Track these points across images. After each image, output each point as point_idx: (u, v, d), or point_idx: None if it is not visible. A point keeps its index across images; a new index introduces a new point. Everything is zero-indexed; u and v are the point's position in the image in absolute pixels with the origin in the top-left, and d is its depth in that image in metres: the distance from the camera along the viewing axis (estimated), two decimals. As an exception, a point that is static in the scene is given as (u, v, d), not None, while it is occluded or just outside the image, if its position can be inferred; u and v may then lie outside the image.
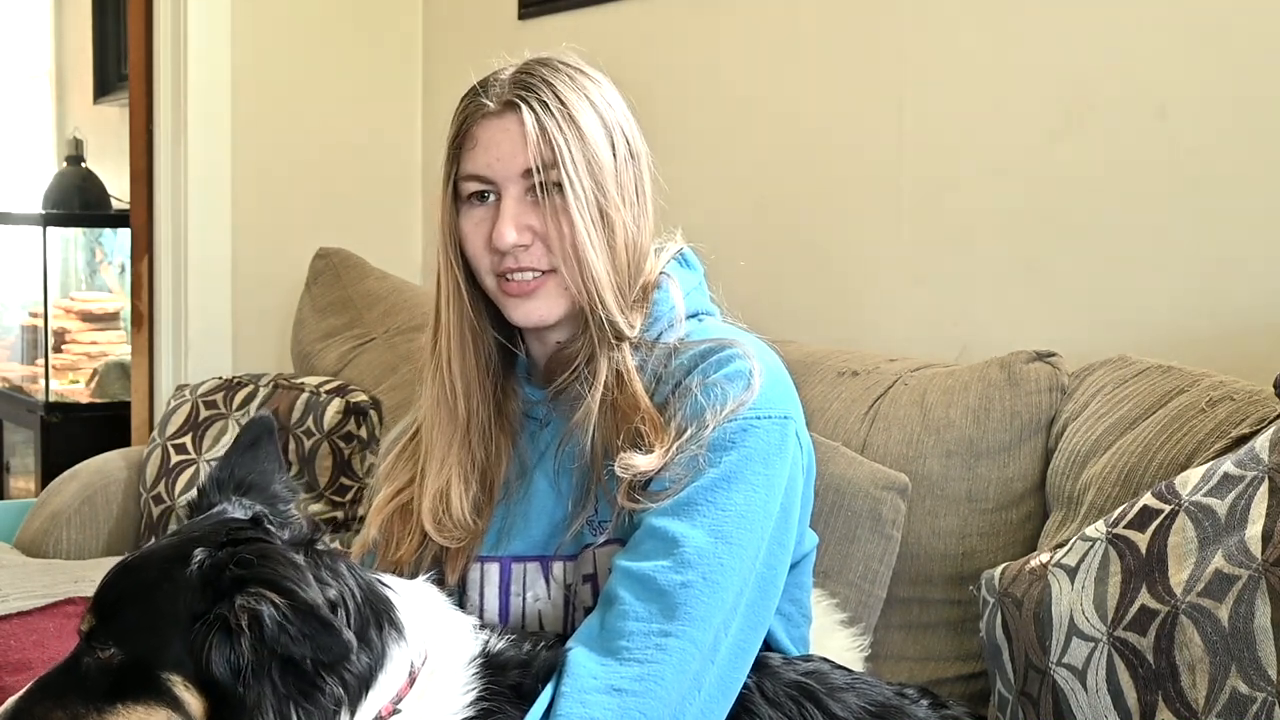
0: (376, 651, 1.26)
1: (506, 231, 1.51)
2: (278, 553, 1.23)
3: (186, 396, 3.07)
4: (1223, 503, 1.41)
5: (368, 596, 1.29)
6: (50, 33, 5.44)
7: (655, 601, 1.37)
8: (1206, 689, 1.33)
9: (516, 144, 1.51)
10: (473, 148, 1.54)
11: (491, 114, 1.54)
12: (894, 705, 1.44)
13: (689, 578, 1.37)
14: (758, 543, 1.42)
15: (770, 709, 1.40)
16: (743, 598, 1.40)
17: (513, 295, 1.54)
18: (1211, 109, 1.93)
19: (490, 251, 1.53)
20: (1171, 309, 1.98)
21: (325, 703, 1.20)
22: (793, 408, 1.52)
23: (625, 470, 1.46)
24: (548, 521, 1.55)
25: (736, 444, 1.44)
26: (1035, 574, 1.56)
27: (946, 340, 2.27)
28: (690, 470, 1.43)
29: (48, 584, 2.57)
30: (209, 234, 3.47)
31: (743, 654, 1.41)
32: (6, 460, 4.60)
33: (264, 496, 1.40)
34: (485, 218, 1.54)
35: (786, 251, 2.62)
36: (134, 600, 1.25)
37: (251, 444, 1.44)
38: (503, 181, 1.52)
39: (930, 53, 2.34)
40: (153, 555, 1.30)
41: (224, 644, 1.18)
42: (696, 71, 2.82)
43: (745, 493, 1.42)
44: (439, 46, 3.63)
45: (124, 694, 1.22)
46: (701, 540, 1.39)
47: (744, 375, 1.47)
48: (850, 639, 1.80)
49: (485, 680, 1.32)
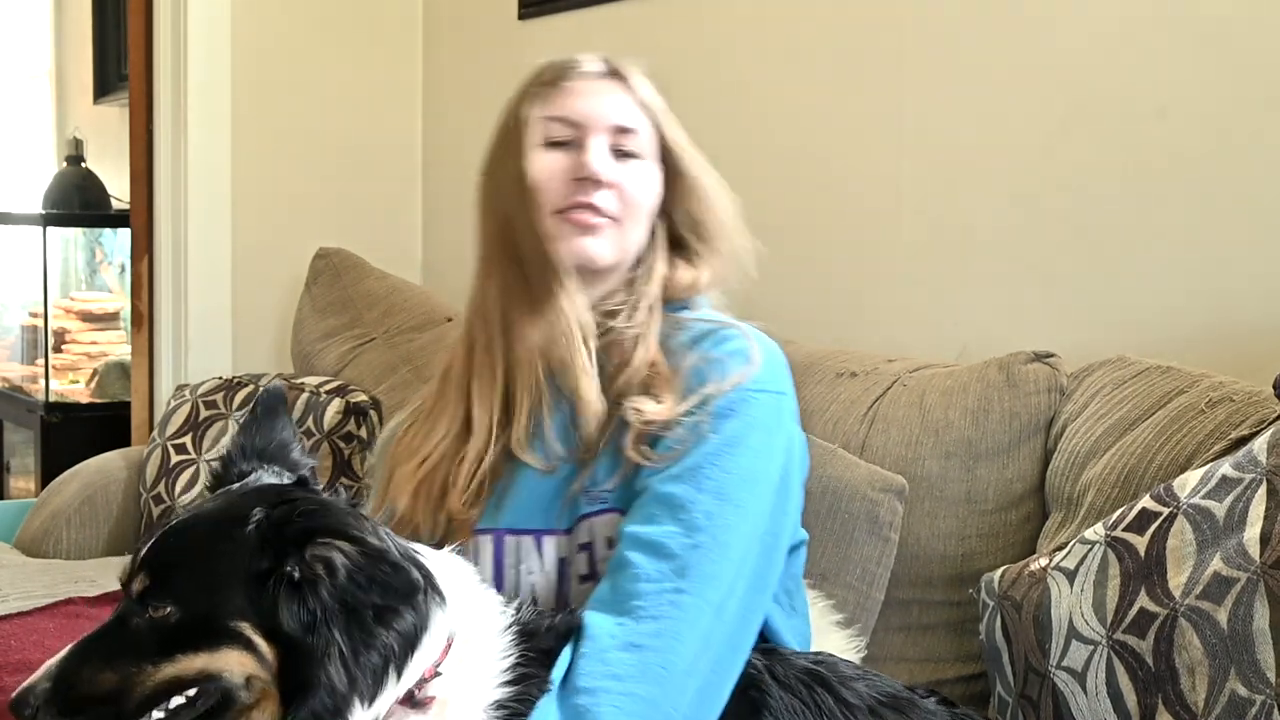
0: (421, 613, 1.26)
1: (597, 161, 1.56)
2: (337, 505, 1.26)
3: (186, 396, 3.07)
4: (1221, 505, 1.40)
5: (409, 559, 1.29)
6: (50, 33, 5.44)
7: (667, 562, 1.41)
8: (1206, 691, 1.33)
9: (611, 101, 1.59)
10: (565, 94, 1.59)
11: (591, 74, 1.61)
12: (904, 697, 1.45)
13: (699, 540, 1.41)
14: (761, 506, 1.46)
15: (781, 690, 1.40)
16: (748, 560, 1.44)
17: (576, 227, 1.57)
18: (1211, 109, 1.93)
19: (566, 184, 1.57)
20: (1171, 309, 1.98)
21: (379, 657, 1.21)
22: (787, 387, 1.57)
23: (637, 415, 1.50)
24: (540, 489, 1.56)
25: (738, 412, 1.48)
26: (1035, 577, 1.56)
27: (946, 340, 2.27)
28: (694, 435, 1.48)
29: (48, 584, 2.57)
30: (209, 234, 3.47)
31: (748, 615, 1.44)
32: (6, 460, 4.60)
33: (285, 465, 1.40)
34: (561, 158, 1.58)
35: (786, 251, 2.62)
36: (191, 559, 1.24)
37: (267, 413, 1.44)
38: (592, 128, 1.58)
39: (930, 53, 2.34)
40: (204, 517, 1.30)
41: (293, 596, 1.19)
42: (696, 72, 2.82)
43: (748, 457, 1.47)
44: (439, 46, 3.63)
45: (184, 646, 1.21)
46: (709, 503, 1.43)
47: (744, 352, 1.54)
48: (846, 640, 1.80)
49: (521, 646, 1.34)
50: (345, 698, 1.19)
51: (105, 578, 2.58)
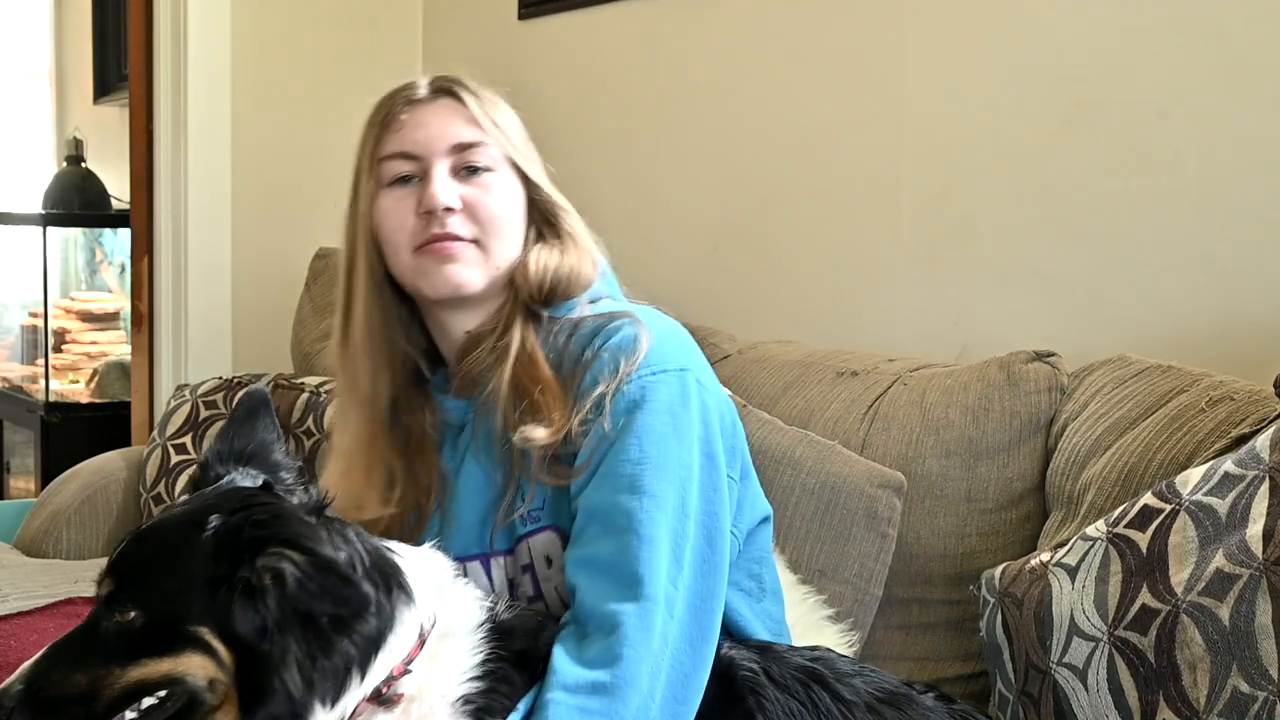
0: (385, 614, 1.27)
1: (440, 191, 1.54)
2: (292, 513, 1.26)
3: (186, 396, 3.07)
4: (1223, 502, 1.41)
5: (376, 561, 1.31)
6: (50, 33, 5.44)
7: (603, 575, 1.40)
8: (1207, 688, 1.33)
9: (445, 123, 1.58)
10: (399, 129, 1.59)
11: (421, 99, 1.61)
12: (902, 693, 1.45)
13: (625, 541, 1.40)
14: (680, 490, 1.43)
15: (778, 691, 1.40)
16: (685, 547, 1.41)
17: (434, 261, 1.55)
18: (1211, 109, 1.93)
19: (416, 221, 1.55)
20: (1171, 309, 1.98)
21: (339, 661, 1.22)
22: (689, 360, 1.53)
23: (524, 442, 1.49)
24: (476, 516, 1.56)
25: (638, 403, 1.46)
26: (1035, 573, 1.56)
27: (946, 340, 2.27)
28: (597, 440, 1.46)
29: (48, 584, 2.57)
30: (209, 234, 3.47)
31: (705, 604, 1.42)
32: (6, 460, 4.60)
33: (265, 467, 1.41)
34: (408, 195, 1.57)
35: (786, 251, 2.62)
36: (151, 564, 1.26)
37: (248, 416, 1.45)
38: (431, 157, 1.57)
39: (930, 53, 2.34)
40: (167, 522, 1.31)
41: (247, 604, 1.20)
42: (697, 71, 2.82)
43: (655, 444, 1.44)
44: (439, 46, 3.63)
45: (149, 650, 1.22)
46: (626, 501, 1.42)
47: (630, 340, 1.50)
48: (838, 635, 1.80)
49: (492, 644, 1.34)
50: (303, 703, 1.20)
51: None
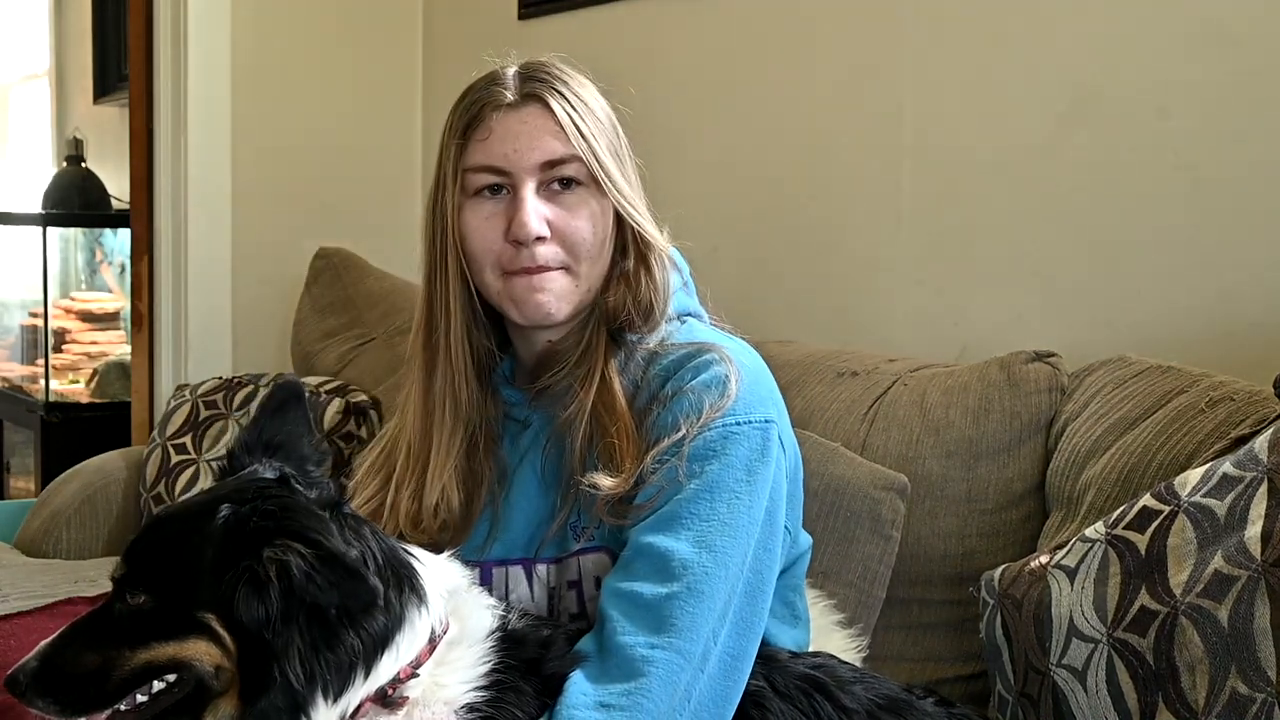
0: (395, 613, 1.27)
1: (530, 221, 1.47)
2: (301, 506, 1.26)
3: (186, 396, 3.07)
4: (1222, 503, 1.40)
5: (390, 560, 1.31)
6: (50, 33, 5.44)
7: (642, 617, 1.36)
8: (1206, 690, 1.33)
9: (535, 135, 1.49)
10: (485, 138, 1.51)
11: (509, 105, 1.51)
12: (902, 700, 1.45)
13: (674, 589, 1.37)
14: (744, 550, 1.41)
15: (781, 702, 1.40)
16: (731, 606, 1.39)
17: (523, 289, 1.50)
18: (1211, 109, 1.93)
19: (504, 245, 1.50)
20: (1171, 309, 1.98)
21: (344, 655, 1.23)
22: (774, 410, 1.49)
23: (593, 488, 1.45)
24: (528, 522, 1.54)
25: (717, 453, 1.42)
26: (1035, 575, 1.56)
27: (946, 340, 2.27)
28: (669, 482, 1.42)
29: (48, 584, 2.58)
30: (209, 234, 3.47)
31: (736, 663, 1.40)
32: (6, 460, 4.60)
33: (293, 459, 1.41)
34: (496, 212, 1.51)
35: (787, 251, 2.62)
36: (163, 550, 1.28)
37: (279, 408, 1.45)
38: (520, 173, 1.49)
39: (931, 53, 2.34)
40: (182, 510, 1.33)
41: (251, 594, 1.20)
42: (697, 71, 2.82)
43: (728, 501, 1.41)
44: (439, 46, 3.63)
45: (157, 633, 1.24)
46: (687, 552, 1.38)
47: (720, 381, 1.45)
48: (847, 639, 1.80)
49: (502, 654, 1.34)
50: (304, 695, 1.21)
51: (105, 577, 2.57)
